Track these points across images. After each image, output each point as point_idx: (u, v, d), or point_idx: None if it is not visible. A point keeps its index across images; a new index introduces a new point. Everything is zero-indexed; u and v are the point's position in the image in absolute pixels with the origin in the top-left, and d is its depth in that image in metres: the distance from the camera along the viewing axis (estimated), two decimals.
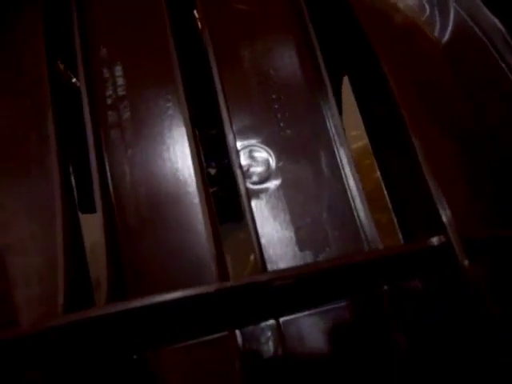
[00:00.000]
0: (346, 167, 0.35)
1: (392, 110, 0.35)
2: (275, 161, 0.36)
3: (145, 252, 0.34)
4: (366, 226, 0.33)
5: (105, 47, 0.38)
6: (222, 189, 0.64)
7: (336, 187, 0.35)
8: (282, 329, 0.32)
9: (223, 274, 0.30)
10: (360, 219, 0.34)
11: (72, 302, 0.30)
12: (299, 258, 0.33)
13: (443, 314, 0.34)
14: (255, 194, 0.35)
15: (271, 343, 0.32)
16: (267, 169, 0.36)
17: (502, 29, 0.40)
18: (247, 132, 0.37)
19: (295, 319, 0.32)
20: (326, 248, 0.34)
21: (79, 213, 0.40)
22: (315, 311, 0.32)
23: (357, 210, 0.35)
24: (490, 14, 0.41)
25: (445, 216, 0.28)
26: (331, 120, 0.36)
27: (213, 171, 0.77)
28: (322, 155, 0.36)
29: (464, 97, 0.40)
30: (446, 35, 0.41)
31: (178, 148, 0.36)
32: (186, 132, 0.35)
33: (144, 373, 0.32)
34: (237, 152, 0.36)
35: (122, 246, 0.35)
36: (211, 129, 0.59)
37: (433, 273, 0.34)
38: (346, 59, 0.48)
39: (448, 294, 0.34)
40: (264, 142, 0.37)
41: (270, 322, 0.32)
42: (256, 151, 0.37)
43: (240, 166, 0.35)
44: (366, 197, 0.34)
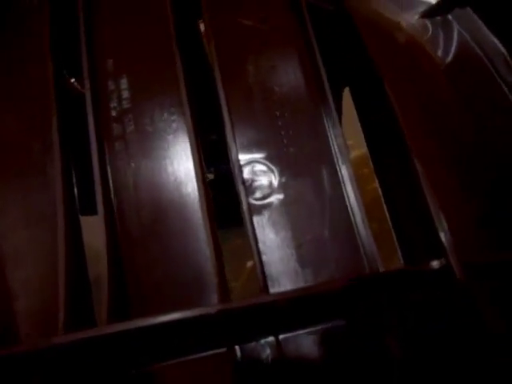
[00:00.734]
0: (348, 184, 0.35)
1: (393, 126, 0.36)
2: (278, 177, 0.36)
3: (146, 263, 0.35)
4: (366, 244, 0.34)
5: (111, 59, 0.38)
6: (221, 194, 0.64)
7: (337, 204, 0.36)
8: (282, 346, 0.32)
9: (224, 290, 0.31)
10: (360, 236, 0.35)
11: (73, 315, 0.30)
12: (300, 276, 0.33)
13: (440, 331, 0.35)
14: (257, 210, 0.35)
15: (270, 359, 0.32)
16: (270, 185, 0.36)
17: (504, 51, 0.41)
18: (251, 147, 0.37)
19: (295, 336, 0.32)
20: (327, 265, 0.34)
21: (80, 215, 0.40)
22: (315, 328, 0.32)
23: (357, 227, 0.35)
24: (492, 36, 0.42)
25: (445, 239, 0.28)
26: (334, 137, 0.36)
27: (210, 176, 0.77)
28: (325, 172, 0.36)
29: (464, 115, 0.41)
30: (450, 55, 0.42)
31: (182, 162, 0.36)
32: (190, 146, 0.35)
33: None
34: (240, 167, 0.36)
35: (124, 258, 0.35)
36: (211, 134, 0.59)
37: (432, 292, 0.34)
38: (349, 74, 0.48)
39: (446, 312, 0.34)
40: (267, 158, 0.37)
41: (270, 339, 0.32)
42: (259, 167, 0.37)
43: (243, 182, 0.35)
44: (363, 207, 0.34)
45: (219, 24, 0.39)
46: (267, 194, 0.36)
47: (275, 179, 0.36)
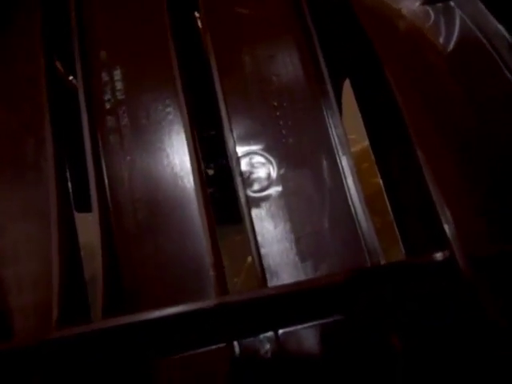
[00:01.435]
0: (348, 176, 0.34)
1: (395, 117, 0.35)
2: (276, 168, 0.36)
3: (142, 258, 0.34)
4: (367, 236, 0.33)
5: (104, 50, 0.37)
6: (220, 190, 0.63)
7: (337, 196, 0.35)
8: (281, 341, 0.31)
9: (222, 284, 0.30)
10: (361, 229, 0.34)
11: (67, 311, 0.29)
12: (300, 269, 0.33)
13: (442, 325, 0.34)
14: (255, 203, 0.35)
15: (269, 355, 0.31)
16: (268, 177, 0.35)
17: (508, 37, 0.40)
18: (248, 139, 0.36)
19: (294, 331, 0.32)
20: (327, 258, 0.33)
21: (76, 212, 0.39)
22: (315, 323, 0.32)
23: (358, 220, 0.34)
24: (496, 22, 0.41)
25: (449, 231, 0.27)
26: (334, 128, 0.36)
27: (210, 172, 0.76)
28: (324, 164, 0.36)
29: (467, 104, 0.40)
30: (452, 43, 0.41)
31: (178, 154, 0.35)
32: (186, 138, 0.35)
33: (140, 383, 0.31)
34: (237, 159, 0.35)
35: (119, 251, 0.34)
36: (210, 129, 0.59)
37: (435, 285, 0.33)
38: (349, 64, 0.48)
39: (449, 305, 0.34)
40: (265, 150, 0.36)
41: (269, 334, 0.31)
42: (257, 158, 0.36)
43: (240, 174, 0.34)
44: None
45: (215, 13, 0.39)
46: (265, 186, 0.35)
47: (273, 171, 0.35)
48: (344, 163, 0.35)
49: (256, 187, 0.35)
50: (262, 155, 0.36)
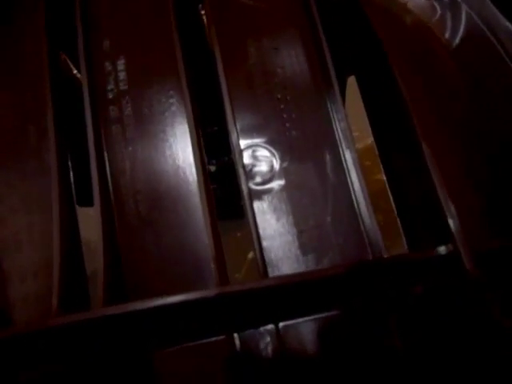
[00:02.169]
0: (352, 171, 0.34)
1: (401, 113, 0.35)
2: (279, 161, 0.35)
3: (143, 249, 0.34)
4: (371, 231, 0.33)
5: (108, 40, 0.37)
6: (221, 186, 0.63)
7: (340, 191, 0.35)
8: (281, 334, 0.31)
9: (223, 277, 0.30)
10: (364, 224, 0.33)
11: (67, 301, 0.29)
12: (302, 262, 0.32)
13: (445, 320, 0.34)
14: (258, 195, 0.34)
15: (269, 347, 0.31)
16: (271, 169, 0.35)
17: None
18: (251, 131, 0.36)
19: (295, 324, 0.32)
20: (329, 252, 0.33)
21: (77, 206, 0.39)
22: (316, 317, 0.31)
23: (361, 215, 0.34)
24: (502, 17, 0.41)
25: (453, 225, 0.27)
26: (338, 122, 0.35)
27: (213, 168, 0.76)
28: (328, 157, 0.35)
29: (472, 99, 0.39)
30: (457, 38, 0.40)
31: (180, 146, 0.35)
32: (189, 130, 0.34)
33: (140, 374, 0.31)
34: (240, 151, 0.35)
35: (121, 243, 0.34)
36: (212, 125, 0.58)
37: (438, 281, 0.33)
38: (354, 59, 0.47)
39: (452, 301, 0.33)
40: (268, 142, 0.36)
41: (269, 327, 0.31)
42: (260, 151, 0.36)
43: (243, 166, 0.34)
44: None
45: (220, 5, 0.38)
46: (268, 179, 0.35)
47: (276, 164, 0.35)
48: (348, 157, 0.34)
49: (258, 180, 0.35)
50: (266, 148, 0.36)
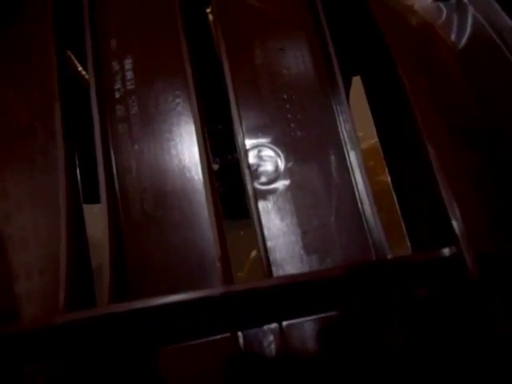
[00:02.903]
0: (356, 171, 0.34)
1: (406, 114, 0.35)
2: (284, 162, 0.36)
3: (149, 248, 0.34)
4: (374, 232, 0.33)
5: (115, 39, 0.37)
6: (224, 185, 0.63)
7: (345, 191, 0.35)
8: (285, 332, 0.31)
9: (227, 275, 0.30)
10: (368, 224, 0.34)
11: (73, 298, 0.29)
12: (305, 262, 0.33)
13: (447, 322, 0.34)
14: (263, 195, 0.35)
15: (273, 346, 0.31)
16: (276, 170, 0.35)
17: None
18: (257, 131, 0.36)
19: (298, 323, 0.32)
20: (333, 253, 0.33)
21: (83, 203, 0.39)
22: (319, 316, 0.32)
23: (365, 215, 0.34)
24: (508, 19, 0.41)
25: (457, 227, 0.27)
26: (343, 122, 0.35)
27: (216, 167, 0.76)
28: (332, 158, 0.35)
29: (478, 101, 0.39)
30: (463, 40, 0.40)
31: (186, 145, 0.36)
32: (195, 129, 0.34)
33: (144, 371, 0.31)
34: (245, 151, 0.35)
35: (126, 242, 0.34)
36: (217, 125, 0.59)
37: (441, 282, 0.33)
38: (360, 59, 0.47)
39: (455, 303, 0.33)
40: (273, 142, 0.36)
41: (273, 325, 0.31)
42: (265, 151, 0.36)
43: (248, 166, 0.34)
44: None
45: (226, 5, 0.38)
46: (273, 179, 0.35)
47: (281, 164, 0.35)
48: (352, 158, 0.34)
49: (264, 180, 0.35)
50: (271, 148, 0.36)
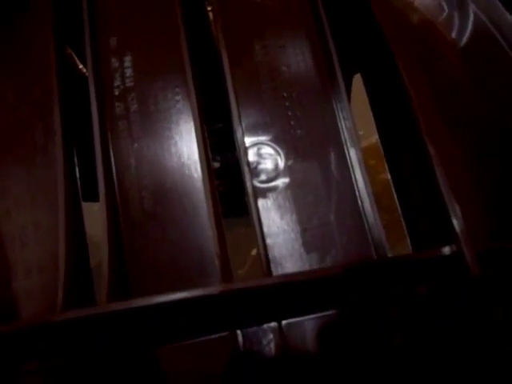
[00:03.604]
0: (357, 169, 0.34)
1: (407, 113, 0.34)
2: (284, 159, 0.35)
3: (148, 246, 0.34)
4: (375, 230, 0.33)
5: (114, 36, 0.37)
6: (225, 183, 0.63)
7: (345, 189, 0.35)
8: (284, 331, 0.31)
9: (226, 273, 0.30)
10: (368, 223, 0.34)
11: (72, 296, 0.29)
12: (305, 260, 0.33)
13: (448, 321, 0.34)
14: (262, 193, 0.35)
15: (272, 345, 0.31)
16: (275, 167, 0.35)
17: None
18: (256, 129, 0.36)
19: (298, 322, 0.32)
20: (333, 251, 0.33)
21: (82, 201, 0.39)
22: (319, 315, 0.32)
23: (365, 214, 0.34)
24: (510, 17, 0.40)
25: (458, 226, 0.27)
26: (343, 120, 0.35)
27: (217, 165, 0.76)
28: (333, 156, 0.35)
29: (479, 99, 0.39)
30: (465, 37, 0.40)
31: (186, 143, 0.35)
32: (195, 127, 0.34)
33: (143, 370, 0.31)
34: (245, 149, 0.35)
35: (125, 239, 0.34)
36: (217, 122, 0.58)
37: (441, 281, 0.33)
38: (360, 57, 0.47)
39: (455, 302, 0.33)
40: (273, 140, 0.36)
41: (272, 324, 0.31)
42: (265, 149, 0.36)
43: (248, 164, 0.34)
44: None
45: (226, 1, 0.38)
46: (273, 177, 0.35)
47: (281, 162, 0.35)
48: (352, 156, 0.34)
49: (263, 178, 0.35)
50: (270, 146, 0.36)
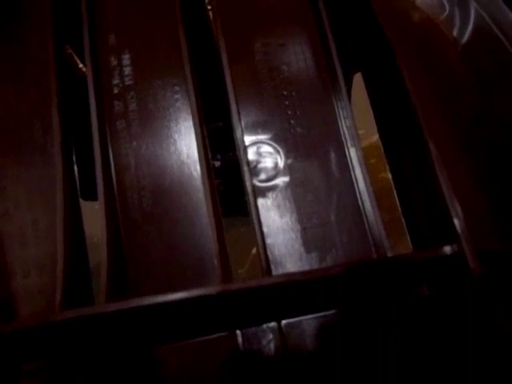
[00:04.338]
0: (357, 168, 0.34)
1: (407, 111, 0.34)
2: (284, 158, 0.35)
3: (147, 246, 0.34)
4: (375, 229, 0.32)
5: (113, 34, 0.37)
6: (226, 182, 0.63)
7: (345, 188, 0.35)
8: (284, 331, 0.31)
9: (226, 273, 0.30)
10: (369, 222, 0.33)
11: (70, 296, 0.29)
12: (305, 260, 0.32)
13: (448, 320, 0.33)
14: (262, 192, 0.34)
15: (272, 345, 0.31)
16: (275, 166, 0.35)
17: None
18: (256, 127, 0.36)
19: (297, 322, 0.31)
20: (333, 250, 0.33)
21: (81, 200, 0.39)
22: (318, 315, 0.31)
23: (366, 213, 0.34)
24: (510, 13, 0.40)
25: (458, 225, 0.27)
26: (343, 119, 0.35)
27: (218, 163, 0.76)
28: (333, 155, 0.35)
29: (480, 97, 0.39)
30: (466, 35, 0.40)
31: (185, 142, 0.35)
32: (194, 126, 0.34)
33: (142, 370, 0.31)
34: (245, 148, 0.35)
35: (124, 239, 0.34)
36: (218, 121, 0.58)
37: (441, 281, 0.33)
38: (361, 56, 0.47)
39: (456, 301, 0.33)
40: (273, 139, 0.36)
41: (272, 324, 0.31)
42: (264, 148, 0.36)
43: (247, 163, 0.34)
44: None
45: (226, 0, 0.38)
46: (272, 176, 0.35)
47: (281, 161, 0.35)
48: (353, 155, 0.34)
49: (263, 177, 0.35)
50: (270, 144, 0.35)
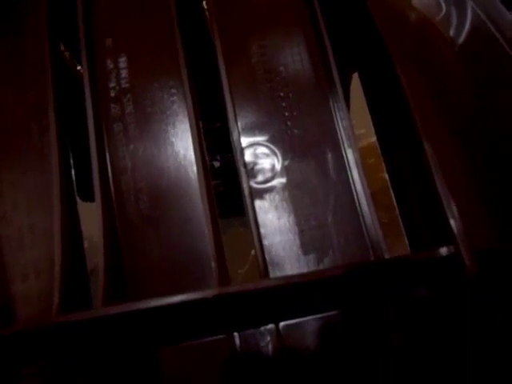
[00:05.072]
0: (354, 170, 0.34)
1: (404, 111, 0.34)
2: (281, 160, 0.35)
3: (144, 248, 0.34)
4: (372, 231, 0.33)
5: (110, 37, 0.37)
6: (225, 182, 0.63)
7: (342, 189, 0.35)
8: (282, 333, 0.31)
9: (223, 275, 0.30)
10: (366, 224, 0.33)
11: (68, 299, 0.29)
12: (302, 262, 0.32)
13: (446, 321, 0.33)
14: (259, 194, 0.34)
15: (270, 347, 0.31)
16: (272, 168, 0.35)
17: None
18: (253, 129, 0.36)
19: (295, 324, 0.32)
20: (330, 252, 0.33)
21: (78, 200, 0.39)
22: (316, 317, 0.31)
23: (363, 215, 0.34)
24: (508, 14, 0.40)
25: (455, 226, 0.27)
26: (340, 120, 0.35)
27: (217, 164, 0.76)
28: (330, 156, 0.35)
29: (477, 97, 0.39)
30: (462, 35, 0.40)
31: (182, 144, 0.35)
32: (191, 128, 0.34)
33: (140, 372, 0.31)
34: (241, 149, 0.35)
35: (122, 241, 0.34)
36: (215, 122, 0.58)
37: (439, 282, 0.33)
38: (357, 56, 0.47)
39: (453, 302, 0.33)
40: (270, 141, 0.36)
41: (270, 326, 0.31)
42: (261, 149, 0.36)
43: (244, 165, 0.34)
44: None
45: (222, 1, 0.38)
46: (269, 178, 0.35)
47: (278, 162, 0.35)
48: (350, 156, 0.34)
49: (260, 178, 0.35)
50: (267, 146, 0.35)
